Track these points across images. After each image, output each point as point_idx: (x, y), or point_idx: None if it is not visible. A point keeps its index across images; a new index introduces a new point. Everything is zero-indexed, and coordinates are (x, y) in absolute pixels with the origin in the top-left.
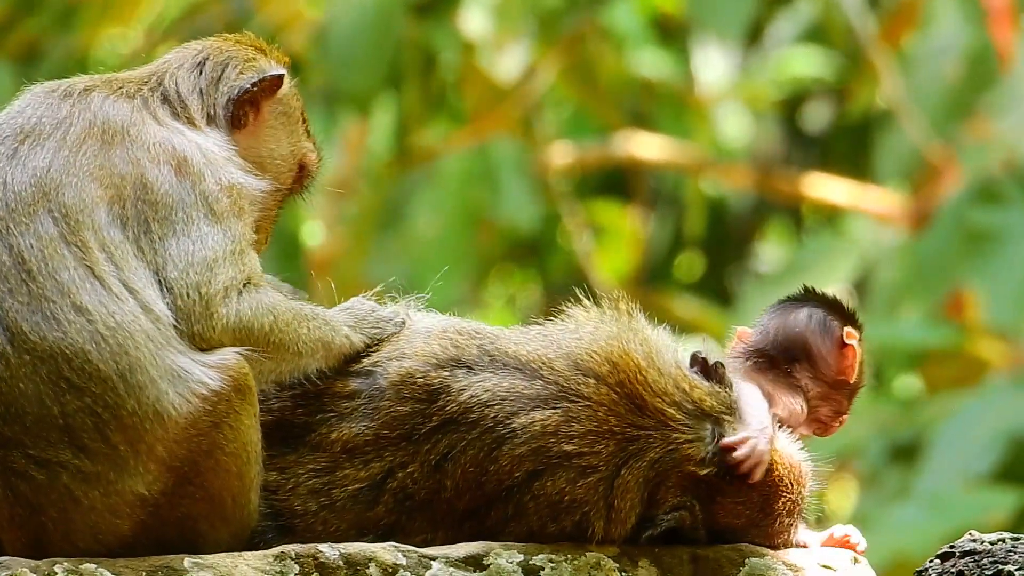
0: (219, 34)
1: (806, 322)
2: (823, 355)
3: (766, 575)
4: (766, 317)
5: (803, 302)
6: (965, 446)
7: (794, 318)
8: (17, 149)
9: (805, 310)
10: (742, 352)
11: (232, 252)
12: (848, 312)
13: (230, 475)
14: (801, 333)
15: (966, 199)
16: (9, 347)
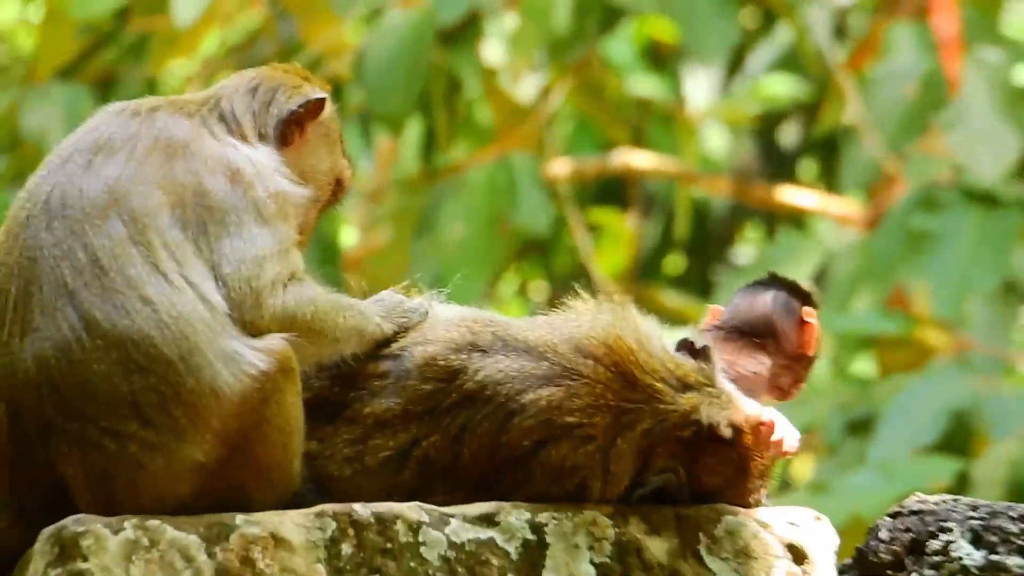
0: (271, 64)
1: (771, 302)
2: (785, 331)
3: (739, 530)
4: (736, 297)
5: (768, 285)
6: (912, 421)
7: (761, 298)
8: (92, 161)
9: (770, 292)
10: (713, 327)
11: (278, 251)
12: (807, 293)
13: (276, 445)
14: (766, 311)
15: (911, 205)
16: (84, 333)
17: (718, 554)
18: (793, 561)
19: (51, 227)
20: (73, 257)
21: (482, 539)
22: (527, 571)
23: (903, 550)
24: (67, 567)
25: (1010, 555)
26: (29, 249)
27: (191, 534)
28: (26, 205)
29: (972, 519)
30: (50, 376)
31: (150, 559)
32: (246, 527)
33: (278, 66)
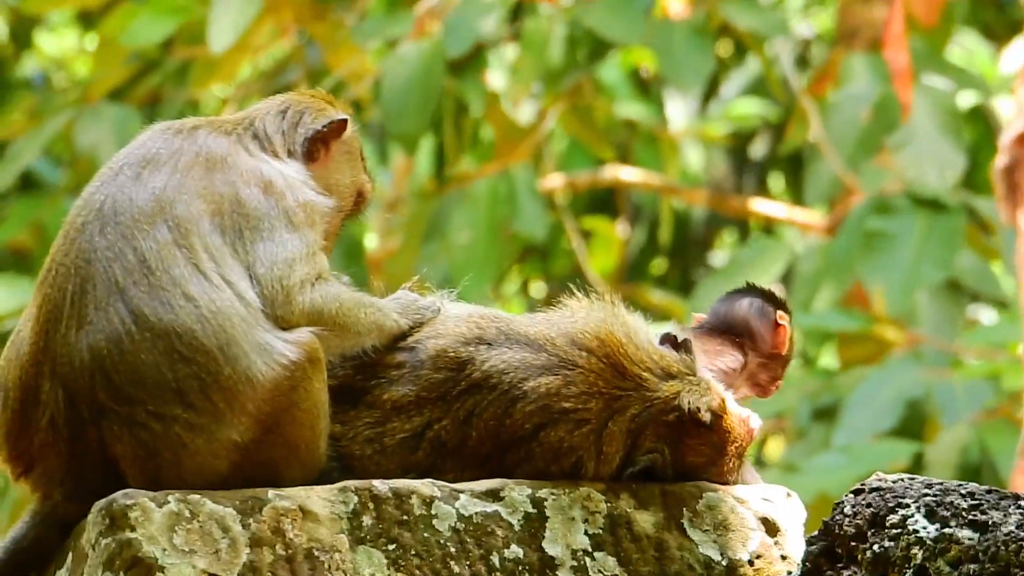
0: (299, 89)
1: (748, 307)
2: (761, 332)
3: (719, 505)
4: (716, 304)
5: (745, 293)
6: (872, 409)
7: (738, 304)
8: (140, 173)
9: (747, 298)
10: (696, 329)
11: (306, 254)
12: (780, 300)
13: (304, 427)
14: (744, 316)
15: (866, 210)
16: (134, 327)
17: (699, 526)
18: (766, 533)
19: (104, 232)
20: (124, 259)
21: (488, 512)
22: (528, 541)
23: (865, 523)
24: (116, 536)
25: (961, 528)
26: (84, 252)
27: (228, 507)
28: (82, 212)
29: (927, 496)
30: (103, 365)
31: (191, 529)
32: (277, 501)
33: (305, 91)
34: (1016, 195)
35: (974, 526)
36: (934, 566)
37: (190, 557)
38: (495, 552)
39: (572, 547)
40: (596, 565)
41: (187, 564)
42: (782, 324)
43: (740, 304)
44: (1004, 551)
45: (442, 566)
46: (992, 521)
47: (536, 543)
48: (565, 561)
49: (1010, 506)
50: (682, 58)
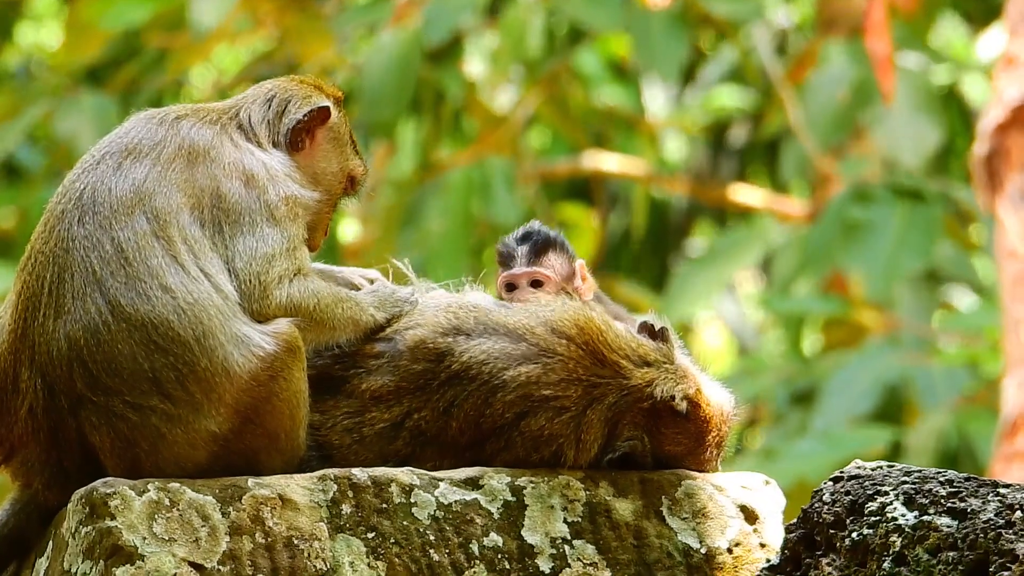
0: (287, 76)
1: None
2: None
3: (697, 493)
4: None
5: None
6: (850, 393)
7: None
8: (121, 163)
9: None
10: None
11: (287, 249)
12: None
13: (284, 416)
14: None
15: (845, 199)
16: (110, 317)
17: (678, 514)
18: (745, 521)
19: (83, 221)
20: (101, 248)
21: (467, 500)
22: (508, 529)
23: (844, 511)
24: (96, 524)
25: (939, 516)
26: (63, 240)
27: (207, 495)
28: (61, 200)
29: (905, 484)
30: (80, 354)
31: (171, 517)
32: (257, 489)
33: (294, 77)
34: (995, 184)
35: (953, 513)
36: (913, 553)
37: (170, 545)
38: (474, 540)
39: (551, 535)
40: (575, 553)
41: (167, 552)
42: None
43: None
44: (983, 538)
45: (421, 554)
46: (971, 509)
47: (515, 531)
48: (544, 549)
49: (988, 493)
50: (659, 46)
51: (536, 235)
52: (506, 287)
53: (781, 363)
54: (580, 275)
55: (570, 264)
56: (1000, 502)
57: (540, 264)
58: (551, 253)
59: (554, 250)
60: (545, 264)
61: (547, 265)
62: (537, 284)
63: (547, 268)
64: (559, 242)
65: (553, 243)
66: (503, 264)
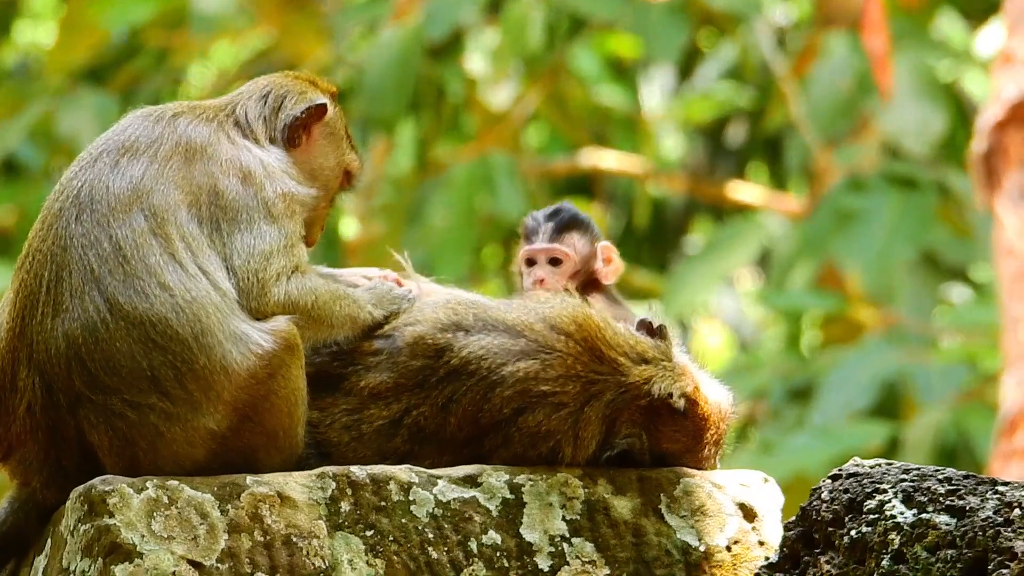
0: (282, 72)
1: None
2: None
3: (696, 491)
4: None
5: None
6: (847, 389)
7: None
8: (118, 161)
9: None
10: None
11: (284, 246)
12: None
13: (282, 414)
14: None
15: (841, 189)
16: (108, 315)
17: (677, 512)
18: (744, 518)
19: (80, 219)
20: (99, 247)
21: (466, 498)
22: (506, 527)
23: (842, 509)
24: (95, 522)
25: (938, 514)
26: (60, 238)
27: (206, 493)
28: (59, 198)
29: (904, 481)
30: (78, 352)
31: (169, 515)
32: (255, 487)
33: (289, 73)
34: (994, 182)
35: (951, 511)
36: (911, 551)
37: (168, 543)
38: (473, 538)
39: (550, 533)
40: (574, 551)
41: (165, 550)
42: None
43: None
44: (981, 536)
45: (420, 552)
46: (969, 506)
47: (514, 529)
48: (543, 547)
49: (987, 491)
50: (659, 33)
51: (562, 213)
52: (526, 261)
53: (779, 359)
54: (602, 257)
55: (592, 245)
56: (999, 500)
57: (561, 242)
58: (574, 232)
59: (578, 229)
60: (566, 243)
61: (568, 244)
62: (556, 262)
63: (567, 247)
64: (584, 222)
65: (577, 223)
66: (526, 238)
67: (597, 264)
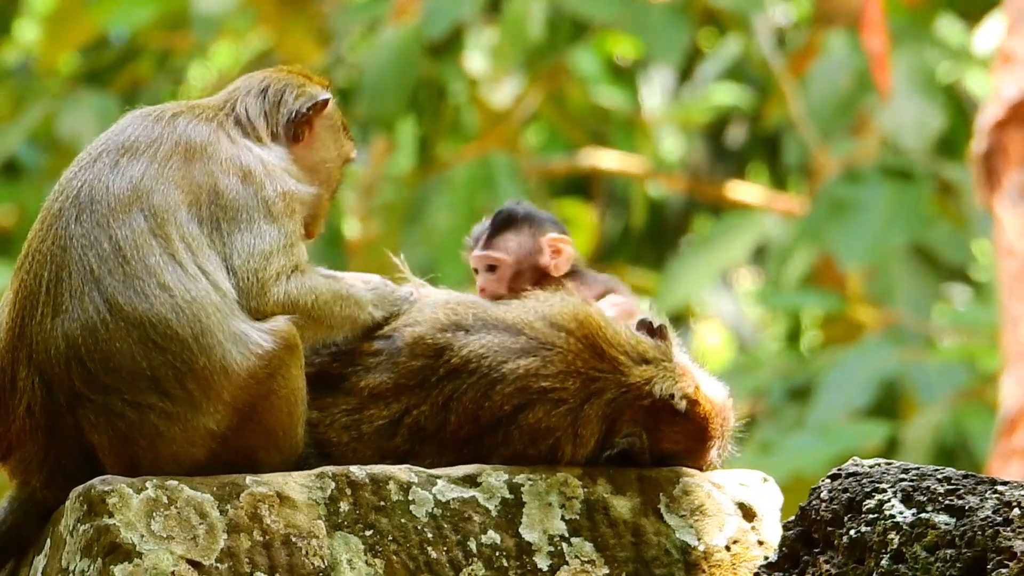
0: (276, 67)
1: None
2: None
3: (695, 490)
4: (560, 225)
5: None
6: (847, 388)
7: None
8: (118, 161)
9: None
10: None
11: (284, 245)
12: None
13: (282, 414)
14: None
15: (837, 180)
16: (108, 316)
17: (676, 511)
18: (743, 518)
19: (80, 219)
20: (99, 247)
21: (465, 498)
22: (505, 527)
23: (841, 508)
24: (94, 522)
25: (937, 513)
26: (60, 239)
27: (205, 493)
28: (59, 198)
29: (903, 481)
30: (78, 352)
31: (169, 515)
32: (255, 486)
33: (282, 68)
34: (993, 181)
35: (951, 511)
36: (910, 551)
37: (168, 543)
38: (472, 538)
39: (549, 532)
40: (573, 550)
41: (165, 550)
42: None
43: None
44: (981, 536)
45: (419, 551)
46: (969, 506)
47: (513, 528)
48: (542, 547)
49: (987, 491)
50: (660, 34)
51: (498, 216)
52: (474, 271)
53: (778, 359)
54: (550, 250)
55: (534, 240)
56: (998, 499)
57: (492, 247)
58: (508, 233)
59: (512, 229)
60: (498, 247)
61: (500, 247)
62: (493, 268)
63: (499, 251)
64: (520, 220)
65: (511, 223)
66: (468, 249)
67: (544, 259)
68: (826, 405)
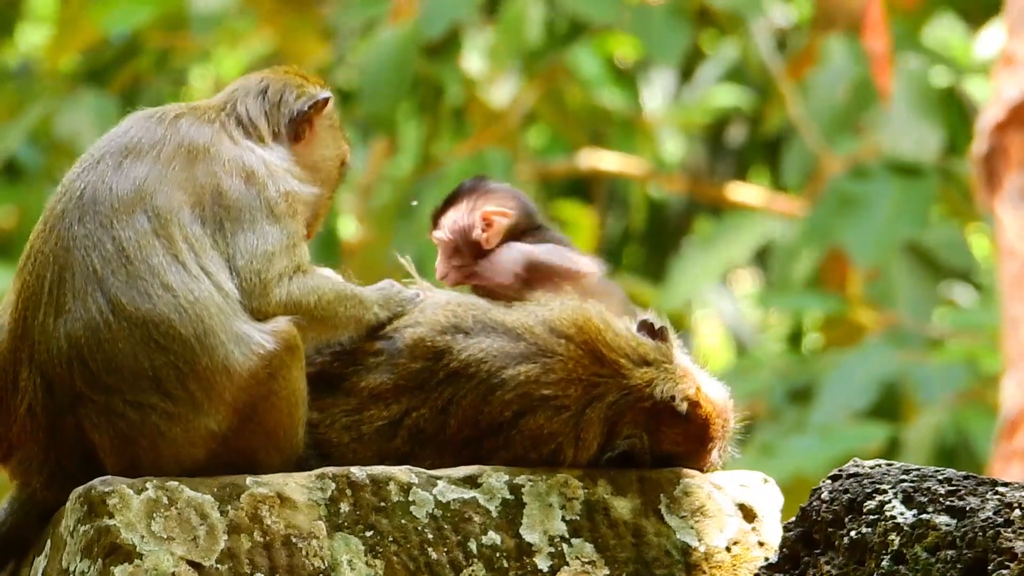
0: (271, 68)
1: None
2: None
3: (696, 491)
4: (510, 196)
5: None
6: (847, 389)
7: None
8: (121, 162)
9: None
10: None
11: (286, 246)
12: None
13: (282, 414)
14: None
15: (843, 179)
16: (111, 316)
17: (677, 513)
18: (744, 519)
19: (83, 220)
20: (102, 248)
21: (466, 499)
22: (506, 528)
23: (842, 509)
24: (95, 523)
25: (938, 514)
26: (63, 240)
27: (206, 494)
28: (61, 199)
29: (904, 482)
30: (80, 353)
31: (169, 516)
32: (255, 487)
33: (277, 68)
34: (994, 183)
35: (951, 512)
36: (911, 552)
37: (168, 544)
38: (472, 538)
39: (549, 533)
40: (573, 551)
41: (165, 551)
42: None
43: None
44: (981, 537)
45: (419, 552)
46: (969, 507)
47: (513, 529)
48: (542, 547)
49: (987, 492)
50: (660, 35)
51: (444, 199)
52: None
53: (779, 360)
54: (481, 224)
55: (470, 215)
56: (999, 500)
57: (437, 227)
58: (450, 210)
59: (454, 206)
60: (440, 226)
61: (441, 227)
62: (444, 248)
63: (440, 230)
64: (461, 195)
65: (454, 199)
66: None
67: (475, 234)
68: (827, 406)
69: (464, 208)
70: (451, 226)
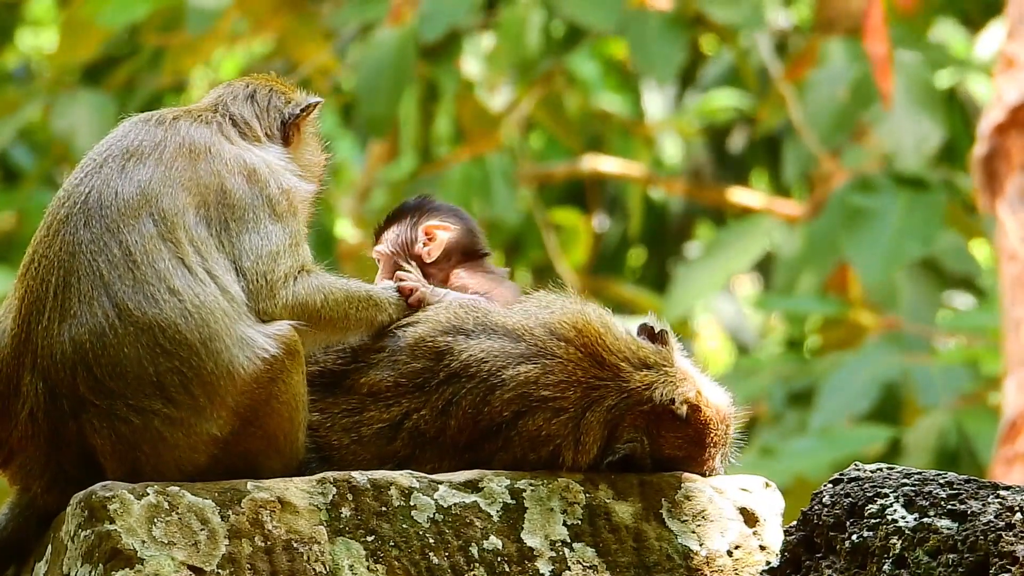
0: (253, 75)
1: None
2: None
3: (697, 495)
4: (453, 214)
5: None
6: (848, 392)
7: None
8: (125, 166)
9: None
10: (453, 250)
11: (290, 245)
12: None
13: (283, 419)
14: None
15: (848, 189)
16: (117, 320)
17: (678, 517)
18: (745, 523)
19: (89, 225)
20: (108, 252)
21: (467, 503)
22: (507, 532)
23: (843, 513)
24: (95, 528)
25: (939, 518)
26: (68, 244)
27: (207, 499)
28: (65, 204)
29: (905, 486)
30: (85, 358)
31: (170, 521)
32: (256, 492)
33: (256, 75)
34: (995, 185)
35: (953, 516)
36: (913, 556)
37: (169, 549)
38: (474, 543)
39: (551, 538)
40: (575, 556)
41: (166, 556)
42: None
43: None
44: (983, 540)
45: (421, 557)
46: (971, 511)
47: (515, 534)
48: (544, 552)
49: (989, 495)
50: (655, 48)
51: (386, 216)
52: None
53: (780, 363)
54: (423, 238)
55: (412, 230)
56: (1000, 504)
57: (379, 242)
58: (393, 227)
59: (396, 223)
60: (382, 240)
61: (383, 241)
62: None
63: (382, 244)
64: (405, 211)
65: (396, 216)
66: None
67: (417, 246)
68: (828, 409)
69: (407, 223)
70: (393, 240)
